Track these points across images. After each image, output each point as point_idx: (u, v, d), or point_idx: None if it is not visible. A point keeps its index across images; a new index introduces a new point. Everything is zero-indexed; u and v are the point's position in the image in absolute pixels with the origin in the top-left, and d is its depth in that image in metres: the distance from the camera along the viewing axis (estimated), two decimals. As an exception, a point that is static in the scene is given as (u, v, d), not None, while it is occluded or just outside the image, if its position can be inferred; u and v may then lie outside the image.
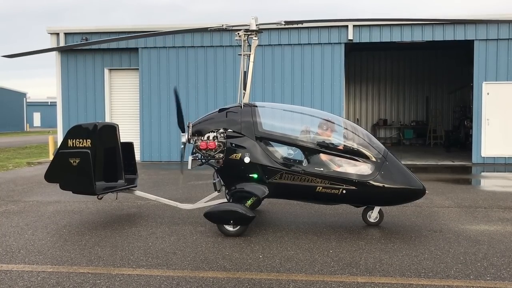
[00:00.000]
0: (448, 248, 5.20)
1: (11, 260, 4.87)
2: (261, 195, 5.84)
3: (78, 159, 5.93)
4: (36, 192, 9.27)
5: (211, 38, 14.77)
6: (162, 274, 4.43)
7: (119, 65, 15.52)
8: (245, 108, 6.13)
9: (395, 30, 14.16)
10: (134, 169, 6.98)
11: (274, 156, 5.99)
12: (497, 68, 13.90)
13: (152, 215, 6.97)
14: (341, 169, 5.87)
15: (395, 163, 5.92)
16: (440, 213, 7.07)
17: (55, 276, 4.38)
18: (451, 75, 21.52)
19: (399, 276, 4.34)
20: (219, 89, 14.81)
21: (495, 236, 5.71)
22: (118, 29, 15.05)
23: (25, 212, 7.28)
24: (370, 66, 22.78)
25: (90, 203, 7.88)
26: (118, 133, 6.76)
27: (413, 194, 5.91)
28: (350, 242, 5.47)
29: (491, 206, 7.61)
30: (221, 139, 6.01)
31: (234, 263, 4.74)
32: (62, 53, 15.53)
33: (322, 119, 6.37)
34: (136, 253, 5.09)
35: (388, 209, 6.87)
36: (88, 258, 4.93)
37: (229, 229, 5.68)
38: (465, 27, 13.90)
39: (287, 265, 4.67)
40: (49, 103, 62.11)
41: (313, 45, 14.49)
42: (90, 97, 15.56)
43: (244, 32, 6.35)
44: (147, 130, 15.09)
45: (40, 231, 6.09)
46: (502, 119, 13.94)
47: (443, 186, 9.69)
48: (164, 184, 10.25)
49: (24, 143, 27.03)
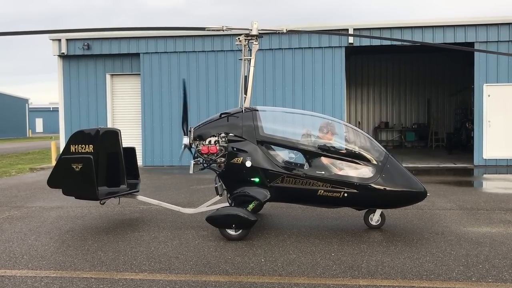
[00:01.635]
0: (450, 250, 5.20)
1: (14, 266, 4.90)
2: (262, 199, 5.86)
3: (81, 164, 5.96)
4: (39, 197, 9.31)
5: (212, 42, 14.82)
6: (164, 278, 4.45)
7: (120, 71, 15.58)
8: (246, 112, 6.15)
9: (395, 33, 14.19)
10: (136, 174, 7.00)
11: (276, 160, 6.01)
12: (497, 70, 13.91)
13: (154, 220, 6.99)
14: (342, 172, 5.89)
15: (396, 165, 5.94)
16: (442, 215, 7.07)
17: (59, 281, 4.40)
18: (452, 77, 21.54)
19: (401, 279, 4.35)
20: (220, 94, 14.86)
21: (497, 238, 5.71)
22: (119, 35, 15.11)
23: (28, 218, 7.31)
24: (371, 69, 22.81)
25: (92, 208, 7.91)
26: (120, 138, 6.78)
27: (415, 197, 5.92)
28: (352, 245, 5.48)
29: (493, 208, 7.61)
30: (222, 143, 6.03)
31: (236, 267, 4.75)
32: (64, 58, 15.60)
33: (323, 123, 6.39)
34: (138, 257, 5.11)
35: (389, 212, 6.88)
36: (91, 263, 4.95)
37: (231, 233, 5.70)
38: (465, 29, 13.93)
39: (289, 268, 4.68)
40: (51, 109, 62.30)
41: (314, 48, 14.54)
42: (92, 103, 15.62)
43: (245, 36, 6.39)
44: (149, 135, 15.13)
45: (43, 236, 6.11)
46: (503, 121, 13.93)
47: (444, 188, 9.70)
48: (166, 188, 10.27)
49: (26, 149, 27.10)
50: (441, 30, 14.01)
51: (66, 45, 15.29)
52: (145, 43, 15.05)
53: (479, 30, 13.89)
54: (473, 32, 13.92)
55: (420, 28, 14.10)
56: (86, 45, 15.15)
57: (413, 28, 14.12)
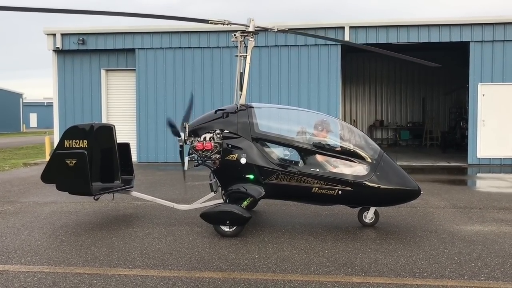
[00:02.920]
0: (443, 249, 5.23)
1: (7, 261, 4.88)
2: (257, 196, 5.86)
3: (75, 160, 5.93)
4: (32, 192, 9.27)
5: (208, 39, 14.79)
6: (158, 274, 4.44)
7: (115, 66, 15.51)
8: (242, 109, 6.15)
9: (391, 32, 14.22)
10: (130, 170, 6.98)
11: (270, 157, 6.01)
12: (492, 70, 13.97)
13: (148, 216, 6.98)
14: (336, 170, 5.90)
15: (391, 164, 5.96)
16: (435, 213, 7.11)
17: (52, 277, 4.39)
18: (447, 77, 21.59)
19: (394, 276, 4.37)
20: (216, 90, 14.83)
21: (489, 237, 5.75)
22: (114, 30, 15.05)
23: (22, 213, 7.28)
24: (366, 67, 22.83)
25: (86, 203, 7.88)
26: (114, 134, 6.77)
27: (409, 195, 5.95)
28: (345, 242, 5.50)
29: (486, 206, 7.66)
30: (217, 140, 6.02)
31: (230, 263, 4.76)
32: (58, 53, 15.52)
33: (318, 120, 6.40)
34: (132, 253, 5.10)
35: (383, 210, 6.91)
36: (84, 258, 4.94)
37: (225, 229, 5.70)
38: (460, 28, 13.98)
39: (282, 265, 4.69)
40: (46, 104, 61.91)
41: (310, 46, 14.53)
42: (86, 98, 15.55)
43: (241, 33, 6.37)
44: (143, 131, 15.09)
45: (37, 231, 6.09)
46: (497, 120, 13.99)
47: (438, 187, 9.74)
48: (160, 185, 10.25)
49: (20, 143, 26.97)
50: (436, 29, 14.05)
51: (61, 39, 15.20)
52: (140, 38, 14.99)
53: (474, 29, 13.93)
54: (468, 31, 13.97)
55: (416, 26, 14.13)
56: (81, 40, 15.07)
57: (408, 26, 14.15)
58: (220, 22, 6.17)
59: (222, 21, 6.17)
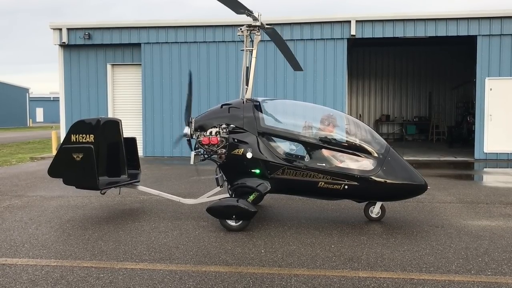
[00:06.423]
0: (450, 243, 5.22)
1: (15, 254, 4.92)
2: (263, 191, 5.86)
3: (81, 154, 5.95)
4: (39, 187, 9.32)
5: (213, 33, 14.76)
6: (165, 268, 4.46)
7: (121, 61, 15.53)
8: (247, 104, 6.14)
9: (397, 26, 14.13)
10: (137, 164, 7.00)
11: (276, 152, 6.00)
12: (500, 64, 13.85)
13: (155, 210, 7.00)
14: (343, 165, 5.88)
15: (397, 158, 5.93)
16: (442, 208, 7.08)
17: (59, 270, 4.42)
18: (454, 71, 21.47)
19: (400, 271, 4.36)
20: (222, 85, 14.82)
21: (496, 232, 5.72)
22: (120, 25, 15.06)
23: (29, 207, 7.33)
24: (372, 62, 22.74)
25: (93, 198, 7.92)
26: (121, 128, 6.78)
27: (415, 190, 5.92)
28: (351, 237, 5.50)
29: (493, 201, 7.62)
30: (223, 135, 6.02)
31: (236, 257, 4.77)
32: (65, 48, 15.56)
33: (324, 115, 6.38)
34: (139, 247, 5.13)
35: (389, 205, 6.89)
36: (91, 252, 4.97)
37: (232, 224, 5.71)
38: (468, 22, 13.86)
39: (289, 259, 4.70)
40: (52, 99, 62.23)
41: (316, 40, 14.48)
42: (92, 93, 15.59)
43: (247, 27, 6.35)
44: (149, 125, 15.12)
45: (44, 225, 6.13)
46: (505, 115, 13.90)
47: (445, 182, 9.70)
48: (166, 179, 10.28)
49: (27, 138, 27.12)
50: (444, 22, 13.94)
51: (67, 34, 15.23)
52: (146, 33, 14.99)
53: (482, 23, 13.81)
54: (476, 25, 13.85)
55: (423, 20, 14.03)
56: (87, 34, 15.09)
57: (415, 20, 14.04)
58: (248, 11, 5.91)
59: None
